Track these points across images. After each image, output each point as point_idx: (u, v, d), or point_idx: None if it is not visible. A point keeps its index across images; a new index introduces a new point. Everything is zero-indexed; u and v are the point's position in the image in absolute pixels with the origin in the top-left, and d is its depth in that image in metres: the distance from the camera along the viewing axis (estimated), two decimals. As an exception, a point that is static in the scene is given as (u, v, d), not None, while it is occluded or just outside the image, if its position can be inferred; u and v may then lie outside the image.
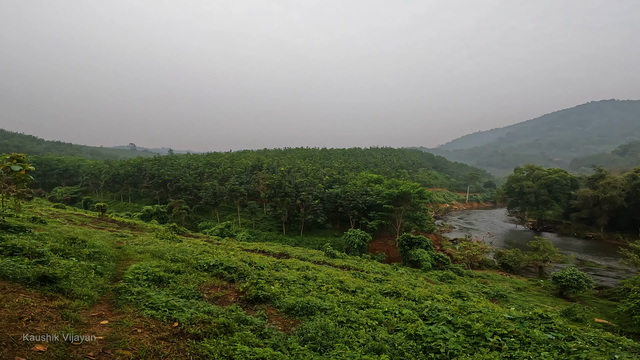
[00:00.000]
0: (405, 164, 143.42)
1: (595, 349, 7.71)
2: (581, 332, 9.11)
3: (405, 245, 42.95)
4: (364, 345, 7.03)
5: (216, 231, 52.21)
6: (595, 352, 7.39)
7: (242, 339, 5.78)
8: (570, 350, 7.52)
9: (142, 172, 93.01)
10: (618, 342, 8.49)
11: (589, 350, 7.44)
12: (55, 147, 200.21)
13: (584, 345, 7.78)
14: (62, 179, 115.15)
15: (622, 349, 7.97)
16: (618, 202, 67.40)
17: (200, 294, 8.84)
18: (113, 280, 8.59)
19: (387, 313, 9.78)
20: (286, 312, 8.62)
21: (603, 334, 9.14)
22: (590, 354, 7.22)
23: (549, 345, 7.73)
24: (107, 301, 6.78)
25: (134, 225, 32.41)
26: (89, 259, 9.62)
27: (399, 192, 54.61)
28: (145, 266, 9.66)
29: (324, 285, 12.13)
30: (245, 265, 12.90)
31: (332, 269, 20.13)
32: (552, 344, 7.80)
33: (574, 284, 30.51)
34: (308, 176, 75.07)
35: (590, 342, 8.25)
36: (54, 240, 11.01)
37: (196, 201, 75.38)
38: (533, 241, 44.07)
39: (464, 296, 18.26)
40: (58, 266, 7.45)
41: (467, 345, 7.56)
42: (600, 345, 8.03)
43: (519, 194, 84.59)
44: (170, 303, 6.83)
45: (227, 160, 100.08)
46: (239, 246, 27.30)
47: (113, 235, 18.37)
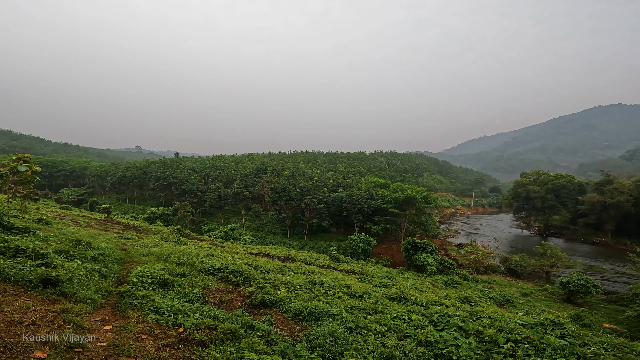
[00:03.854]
0: (410, 168, 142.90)
1: (611, 354, 7.51)
2: (594, 337, 8.86)
3: (410, 249, 42.60)
4: (374, 352, 6.81)
5: (220, 234, 52.16)
6: (612, 358, 7.19)
7: (250, 345, 5.58)
8: (587, 356, 7.29)
9: (148, 174, 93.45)
10: (632, 347, 8.28)
11: (605, 356, 7.23)
12: (63, 149, 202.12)
13: (600, 351, 7.56)
14: (69, 180, 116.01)
15: (636, 354, 7.80)
16: (626, 208, 66.64)
17: (206, 298, 8.68)
18: (118, 283, 8.46)
19: (396, 319, 9.55)
20: (293, 318, 8.42)
21: (616, 340, 8.89)
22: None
23: (564, 351, 7.48)
24: (111, 305, 6.61)
25: (139, 227, 32.39)
26: (93, 261, 9.49)
27: (404, 196, 54.26)
28: (150, 269, 9.50)
29: (331, 290, 11.92)
30: (250, 268, 12.74)
31: (338, 273, 19.90)
32: (568, 350, 7.55)
33: (581, 289, 30.05)
34: (312, 180, 74.91)
35: (604, 348, 8.03)
36: (58, 242, 10.89)
37: (201, 204, 75.48)
38: (540, 246, 43.54)
39: (471, 301, 17.97)
40: (62, 268, 7.33)
41: (480, 352, 7.31)
42: (615, 351, 7.83)
43: (525, 199, 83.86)
44: (176, 307, 6.66)
45: (232, 164, 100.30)
46: (244, 249, 27.15)
47: (118, 237, 18.29)
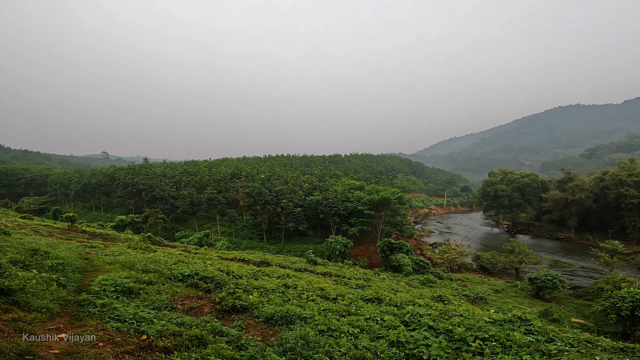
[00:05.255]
0: (385, 170, 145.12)
1: (575, 350, 7.69)
2: (560, 333, 9.12)
3: (386, 250, 43.11)
4: (345, 354, 6.80)
5: (194, 240, 50.83)
6: (576, 354, 7.35)
7: (216, 351, 5.41)
8: (551, 352, 7.50)
9: (116, 181, 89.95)
10: (597, 342, 8.48)
11: (569, 352, 7.42)
12: (23, 156, 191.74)
13: (564, 347, 7.77)
14: (30, 188, 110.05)
15: (601, 350, 7.98)
16: (586, 204, 70.13)
17: (174, 305, 8.40)
18: (78, 292, 8.03)
19: (369, 320, 9.58)
20: (265, 322, 8.29)
21: (582, 335, 9.17)
22: (572, 356, 7.20)
23: (530, 348, 7.70)
24: (69, 314, 6.28)
25: (106, 235, 31.00)
26: (51, 271, 9.00)
27: (379, 198, 54.95)
28: (114, 277, 9.12)
29: (305, 293, 11.82)
30: (222, 274, 12.44)
31: (314, 276, 19.80)
32: (533, 346, 7.78)
33: (549, 285, 31.30)
34: (288, 184, 74.53)
35: (570, 344, 8.23)
36: (14, 252, 10.30)
37: (173, 210, 73.38)
38: (508, 243, 45.14)
39: (445, 300, 18.33)
40: (15, 278, 6.89)
41: (450, 351, 7.46)
42: (580, 347, 8.00)
43: (493, 198, 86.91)
44: (139, 315, 6.38)
45: (205, 169, 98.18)
46: (218, 255, 26.53)
47: (82, 246, 17.39)
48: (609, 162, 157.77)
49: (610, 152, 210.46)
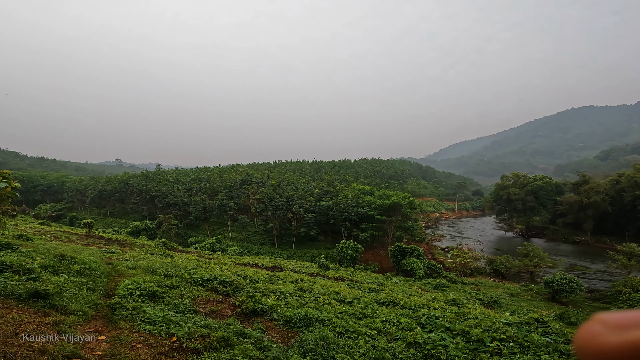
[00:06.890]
0: (395, 175, 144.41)
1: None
2: (577, 334, 9.15)
3: (398, 255, 42.98)
4: (365, 355, 6.97)
5: (207, 246, 51.51)
6: (595, 355, 7.42)
7: (243, 352, 5.66)
8: (570, 352, 7.57)
9: (130, 188, 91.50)
10: None
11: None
12: (39, 163, 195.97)
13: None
14: (46, 195, 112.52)
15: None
16: (602, 207, 68.74)
17: (196, 309, 8.68)
18: (106, 296, 8.39)
19: (385, 322, 9.72)
20: (284, 325, 8.51)
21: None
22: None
23: (548, 348, 7.77)
24: (102, 317, 6.59)
25: (122, 241, 31.74)
26: (79, 275, 9.39)
27: (390, 202, 54.83)
28: (138, 281, 9.46)
29: (320, 297, 12.03)
30: (239, 278, 12.73)
31: (327, 281, 19.98)
32: (551, 347, 7.84)
33: (565, 288, 30.81)
34: (298, 189, 74.89)
35: (587, 344, 8.30)
36: (42, 257, 10.72)
37: (186, 216, 74.32)
38: (522, 247, 44.52)
39: (459, 303, 18.29)
40: (50, 282, 7.26)
41: (467, 352, 7.54)
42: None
43: (506, 201, 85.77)
44: (167, 318, 6.68)
45: (216, 175, 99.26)
46: (232, 260, 26.94)
47: (102, 252, 17.94)
48: (624, 164, 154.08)
49: (625, 154, 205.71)
